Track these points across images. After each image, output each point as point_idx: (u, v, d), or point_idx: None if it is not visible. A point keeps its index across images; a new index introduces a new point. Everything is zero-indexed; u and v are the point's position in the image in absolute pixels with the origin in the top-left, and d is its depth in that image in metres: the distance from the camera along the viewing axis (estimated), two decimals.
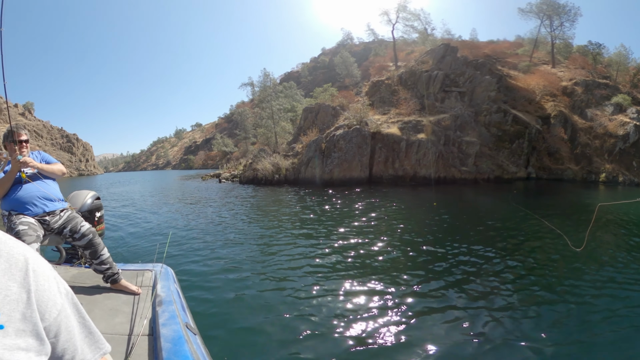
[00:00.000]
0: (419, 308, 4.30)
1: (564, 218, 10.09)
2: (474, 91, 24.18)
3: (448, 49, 27.89)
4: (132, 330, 2.07)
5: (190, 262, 6.44)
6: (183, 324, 2.06)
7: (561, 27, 34.60)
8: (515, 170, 20.51)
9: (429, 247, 7.00)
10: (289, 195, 17.42)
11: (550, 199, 14.11)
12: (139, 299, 2.59)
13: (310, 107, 33.58)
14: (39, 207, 2.71)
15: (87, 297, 2.57)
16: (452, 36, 44.22)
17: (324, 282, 5.20)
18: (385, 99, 27.26)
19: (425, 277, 5.31)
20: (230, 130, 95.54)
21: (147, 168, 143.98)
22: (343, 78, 58.38)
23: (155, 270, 3.09)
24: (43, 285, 0.69)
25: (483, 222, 9.48)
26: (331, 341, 3.59)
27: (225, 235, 8.80)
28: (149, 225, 10.51)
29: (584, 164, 20.25)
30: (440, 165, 20.31)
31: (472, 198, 15.08)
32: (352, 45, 79.43)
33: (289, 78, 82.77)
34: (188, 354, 1.72)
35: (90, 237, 2.79)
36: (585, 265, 5.87)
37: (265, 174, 25.17)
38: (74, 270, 3.15)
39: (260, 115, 45.78)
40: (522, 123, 21.80)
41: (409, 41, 44.81)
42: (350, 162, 21.53)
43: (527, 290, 4.88)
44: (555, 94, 24.83)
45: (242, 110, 68.27)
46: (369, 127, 22.19)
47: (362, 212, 11.27)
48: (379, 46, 59.67)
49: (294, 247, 7.33)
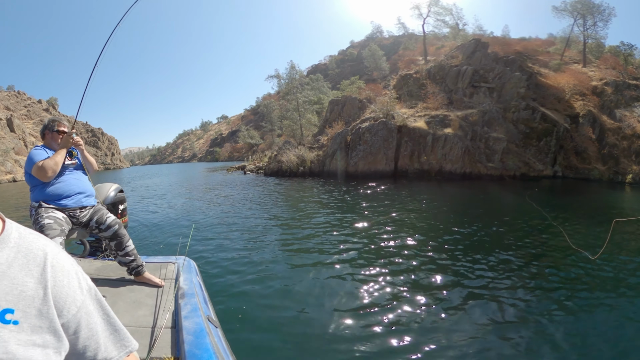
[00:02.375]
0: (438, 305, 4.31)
1: (581, 221, 9.57)
2: (503, 87, 24.07)
3: (479, 45, 27.74)
4: (156, 323, 2.11)
5: (212, 254, 6.48)
6: (205, 317, 2.10)
7: (594, 27, 33.96)
8: (541, 168, 20.42)
9: (452, 243, 6.97)
10: (313, 187, 17.65)
11: (571, 199, 13.90)
12: (162, 291, 2.62)
13: (336, 100, 33.88)
14: (76, 200, 2.73)
15: (111, 289, 2.60)
16: (483, 32, 43.76)
17: (351, 277, 5.21)
18: (413, 93, 27.37)
19: (451, 282, 5.16)
20: (257, 123, 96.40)
21: (173, 161, 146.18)
22: (371, 71, 58.17)
23: (178, 263, 3.12)
24: (62, 280, 0.70)
25: (496, 221, 9.17)
26: (357, 340, 3.57)
27: (248, 227, 8.87)
28: (171, 218, 10.59)
29: (610, 164, 19.99)
30: (466, 161, 20.42)
31: (495, 195, 15.12)
32: (382, 38, 78.83)
33: (316, 70, 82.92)
34: (209, 347, 1.75)
35: (116, 227, 2.83)
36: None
37: (290, 166, 25.52)
38: (98, 263, 3.19)
39: (285, 108, 46.21)
40: (550, 121, 21.61)
41: (440, 36, 44.55)
42: (376, 155, 21.81)
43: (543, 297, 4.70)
44: (584, 93, 24.44)
45: (268, 102, 68.97)
46: (395, 120, 22.38)
47: (387, 206, 11.39)
48: (409, 40, 59.18)
49: (318, 240, 7.33)
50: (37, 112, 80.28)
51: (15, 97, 79.30)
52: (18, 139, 57.33)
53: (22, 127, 62.77)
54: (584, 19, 34.00)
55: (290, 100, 44.02)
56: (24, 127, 63.39)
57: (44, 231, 2.33)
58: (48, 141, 2.84)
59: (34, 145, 53.97)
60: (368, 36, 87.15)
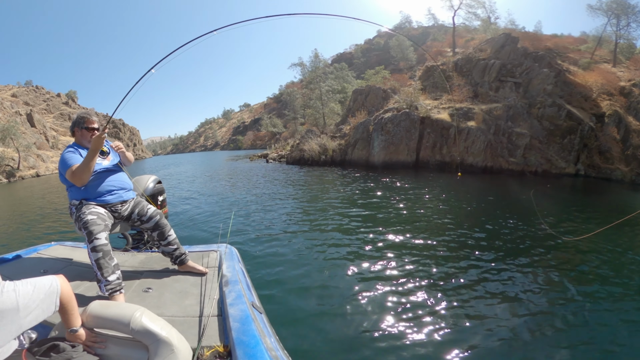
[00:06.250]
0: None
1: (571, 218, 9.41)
2: (530, 83, 23.91)
3: (508, 39, 27.48)
4: (202, 312, 2.15)
5: (250, 241, 6.74)
6: (249, 303, 2.13)
7: (627, 27, 33.27)
8: (564, 165, 20.34)
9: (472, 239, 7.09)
10: (336, 176, 18.05)
11: (584, 198, 13.89)
12: (206, 279, 2.66)
13: (360, 89, 34.10)
14: (115, 196, 2.76)
15: (156, 281, 2.64)
16: (515, 26, 42.69)
17: (378, 270, 5.34)
18: (438, 85, 27.40)
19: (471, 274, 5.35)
20: (279, 111, 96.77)
21: (195, 150, 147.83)
22: (398, 61, 57.53)
23: (220, 251, 3.16)
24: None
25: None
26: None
27: (279, 215, 9.28)
28: (206, 207, 10.94)
29: (633, 165, 19.75)
30: (488, 154, 20.52)
31: (509, 190, 15.18)
32: (410, 28, 77.36)
33: (341, 59, 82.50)
34: (255, 333, 1.77)
35: (157, 218, 2.87)
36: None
37: (312, 154, 25.99)
38: (141, 256, 3.23)
39: (308, 96, 46.41)
40: (575, 119, 21.42)
41: (470, 28, 43.74)
42: (398, 146, 22.10)
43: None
44: (612, 93, 24.02)
45: (292, 91, 69.23)
46: (419, 111, 22.56)
47: (407, 197, 11.72)
48: (438, 31, 58.28)
49: (350, 227, 7.64)
50: (56, 105, 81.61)
51: (34, 92, 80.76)
52: (39, 134, 58.12)
53: (43, 121, 63.67)
54: (617, 18, 33.27)
55: (313, 89, 44.25)
56: (44, 122, 64.26)
57: (88, 227, 2.39)
58: (78, 139, 2.83)
59: (55, 139, 54.66)
60: (396, 26, 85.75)
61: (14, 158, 42.92)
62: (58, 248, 3.47)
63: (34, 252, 3.31)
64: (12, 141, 43.60)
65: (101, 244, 2.35)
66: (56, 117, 76.13)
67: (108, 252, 2.37)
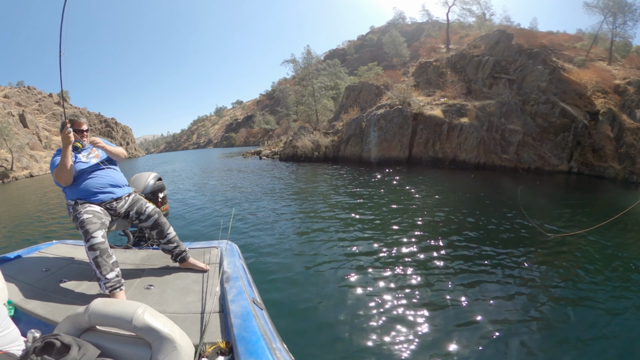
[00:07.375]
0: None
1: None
2: (524, 80, 23.74)
3: (503, 36, 27.28)
4: (204, 308, 2.15)
5: (250, 237, 6.73)
6: (250, 300, 2.13)
7: (623, 25, 33.51)
8: (557, 162, 20.21)
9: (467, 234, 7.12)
10: (330, 172, 18.09)
11: (569, 195, 13.87)
12: (207, 276, 2.66)
13: (352, 86, 33.80)
14: (107, 194, 2.76)
15: (158, 278, 2.64)
16: (510, 23, 42.51)
17: (369, 264, 5.39)
18: (432, 81, 27.18)
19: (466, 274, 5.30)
20: (272, 107, 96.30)
21: (188, 147, 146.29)
22: (391, 57, 57.11)
23: (221, 247, 3.15)
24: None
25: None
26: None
27: (279, 210, 9.35)
28: (205, 203, 10.82)
29: (626, 164, 19.70)
30: (481, 151, 20.32)
31: (499, 186, 15.04)
32: (404, 24, 76.87)
33: (334, 55, 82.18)
34: (256, 330, 1.78)
35: (155, 217, 2.86)
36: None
37: (305, 151, 25.83)
38: (142, 253, 3.22)
39: (301, 93, 46.08)
40: (569, 116, 21.28)
41: (465, 25, 43.48)
42: (390, 142, 21.86)
43: None
44: (606, 91, 23.96)
45: (284, 87, 68.80)
46: (412, 107, 22.31)
47: (400, 193, 11.73)
48: (432, 27, 58.08)
49: (348, 221, 7.67)
50: (48, 105, 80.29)
51: (25, 93, 79.26)
52: (32, 134, 57.61)
53: (35, 122, 62.95)
54: (614, 16, 33.43)
55: (305, 85, 43.90)
56: (36, 122, 63.54)
57: (84, 226, 2.40)
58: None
59: (47, 139, 54.71)
60: (390, 22, 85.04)
61: (7, 159, 42.68)
62: (60, 246, 3.45)
63: (35, 250, 3.29)
64: (5, 142, 43.19)
65: (98, 242, 2.36)
66: (48, 117, 75.07)
67: (105, 250, 2.37)
